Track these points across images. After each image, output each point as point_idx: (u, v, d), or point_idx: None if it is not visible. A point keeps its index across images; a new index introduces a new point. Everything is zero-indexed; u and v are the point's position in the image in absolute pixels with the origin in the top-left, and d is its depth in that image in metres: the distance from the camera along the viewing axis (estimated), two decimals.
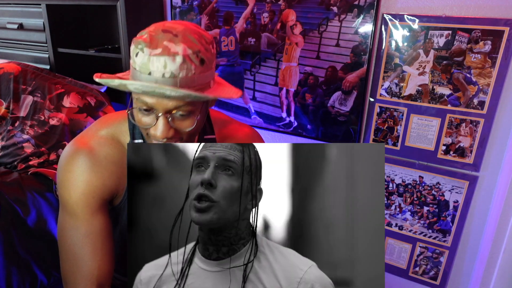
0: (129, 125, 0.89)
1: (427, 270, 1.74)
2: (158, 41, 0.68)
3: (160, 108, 0.71)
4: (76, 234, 0.82)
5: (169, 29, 0.70)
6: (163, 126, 0.73)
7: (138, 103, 0.73)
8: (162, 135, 0.73)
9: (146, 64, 0.68)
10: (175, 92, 0.66)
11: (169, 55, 0.67)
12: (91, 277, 0.82)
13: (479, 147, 1.49)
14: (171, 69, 0.67)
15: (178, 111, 0.72)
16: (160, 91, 0.66)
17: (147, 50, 0.68)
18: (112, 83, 0.69)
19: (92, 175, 0.82)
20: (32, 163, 1.72)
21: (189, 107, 0.72)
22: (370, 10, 1.56)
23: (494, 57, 1.39)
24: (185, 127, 0.75)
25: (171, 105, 0.71)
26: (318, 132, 1.83)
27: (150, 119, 0.74)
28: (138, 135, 0.88)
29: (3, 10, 2.36)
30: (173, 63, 0.67)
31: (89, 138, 0.85)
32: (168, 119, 0.73)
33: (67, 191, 0.82)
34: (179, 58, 0.67)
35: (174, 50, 0.67)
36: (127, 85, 0.68)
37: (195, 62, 0.69)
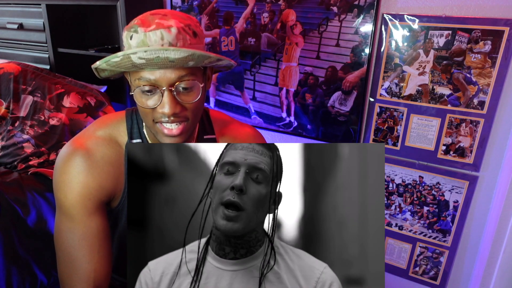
0: (127, 125, 0.88)
1: (427, 270, 1.74)
2: (150, 21, 0.71)
3: (163, 81, 0.72)
4: (73, 236, 0.81)
5: (156, 12, 0.74)
6: (170, 100, 0.73)
7: (140, 82, 0.73)
8: (170, 110, 0.73)
9: (143, 40, 0.70)
10: (179, 53, 0.67)
11: (164, 28, 0.70)
12: (88, 280, 0.81)
13: (479, 147, 1.49)
14: (168, 40, 0.70)
15: (181, 83, 0.73)
16: (164, 55, 0.67)
17: (141, 29, 0.70)
18: (115, 58, 0.70)
19: (88, 177, 0.81)
20: (32, 163, 1.72)
21: (191, 77, 0.74)
22: (370, 10, 1.56)
23: (494, 57, 1.39)
24: (191, 99, 0.76)
25: (174, 76, 0.72)
26: (318, 132, 1.83)
27: (155, 99, 0.75)
28: (136, 135, 0.88)
29: (3, 10, 2.36)
30: (169, 34, 0.70)
31: (86, 138, 0.85)
32: (173, 93, 0.73)
33: (63, 193, 0.81)
34: (174, 29, 0.70)
35: (167, 24, 0.70)
36: (130, 55, 0.68)
37: (188, 33, 0.72)
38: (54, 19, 2.14)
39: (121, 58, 0.69)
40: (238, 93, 1.99)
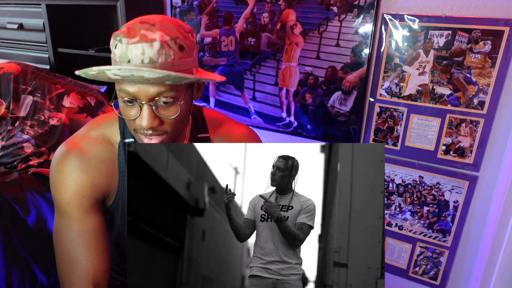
0: (119, 124, 0.89)
1: (427, 270, 1.74)
2: (135, 31, 0.70)
3: (142, 96, 0.72)
4: (70, 234, 0.83)
5: (146, 20, 0.72)
6: (148, 114, 0.73)
7: (121, 94, 0.73)
8: (148, 125, 0.73)
9: (124, 52, 0.69)
10: (153, 74, 0.66)
11: (147, 42, 0.68)
12: (86, 277, 0.83)
13: (479, 147, 1.49)
14: (149, 55, 0.68)
15: (161, 98, 0.73)
16: (138, 74, 0.66)
17: (125, 39, 0.69)
18: (91, 72, 0.69)
19: (82, 175, 0.82)
20: (32, 163, 1.72)
21: (172, 93, 0.73)
22: (370, 10, 1.56)
23: (494, 57, 1.39)
24: (170, 115, 0.75)
25: (153, 91, 0.71)
26: (318, 132, 1.83)
27: (135, 110, 0.75)
28: (129, 135, 0.88)
29: (3, 10, 2.36)
30: (151, 49, 0.68)
31: (80, 139, 0.86)
32: (152, 107, 0.73)
33: (58, 192, 0.83)
34: (157, 44, 0.68)
35: (151, 37, 0.69)
36: (105, 71, 0.68)
37: (173, 47, 0.70)
38: (54, 19, 2.14)
39: (97, 72, 0.69)
40: (238, 93, 1.99)
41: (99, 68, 0.68)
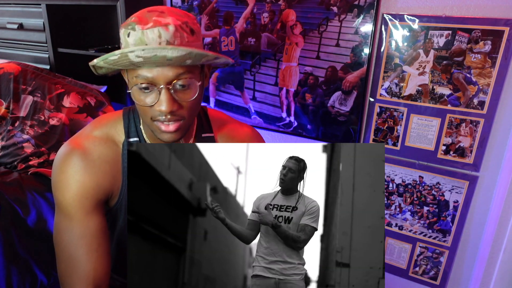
0: (124, 124, 0.88)
1: (427, 270, 1.74)
2: (147, 18, 0.71)
3: (161, 80, 0.72)
4: (71, 235, 0.82)
5: (153, 9, 0.74)
6: (167, 98, 0.74)
7: (138, 80, 0.73)
8: (168, 108, 0.74)
9: (140, 38, 0.70)
10: (177, 51, 0.67)
11: (162, 26, 0.70)
12: (87, 278, 0.82)
13: (479, 147, 1.50)
14: (166, 38, 0.70)
15: (178, 81, 0.73)
16: (161, 54, 0.67)
17: (139, 26, 0.70)
18: (112, 56, 0.69)
19: (85, 176, 0.81)
20: (32, 163, 1.72)
21: (188, 75, 0.74)
22: (370, 10, 1.56)
23: (494, 57, 1.39)
24: (188, 98, 0.76)
25: (172, 75, 0.72)
26: (318, 132, 1.83)
27: (152, 97, 0.75)
28: (133, 134, 0.88)
29: (3, 10, 2.36)
30: (167, 32, 0.70)
31: (83, 138, 0.85)
32: (171, 91, 0.74)
33: (60, 193, 0.82)
34: (172, 27, 0.70)
35: (165, 21, 0.71)
36: (127, 53, 0.68)
37: (186, 31, 0.72)
38: (54, 19, 2.14)
39: (119, 56, 0.69)
40: (238, 93, 1.99)
41: (121, 51, 0.68)
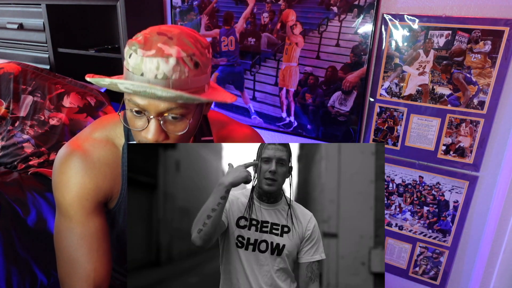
0: (124, 127, 0.88)
1: (427, 270, 1.74)
2: (152, 43, 0.68)
3: (151, 110, 0.70)
4: (71, 236, 0.82)
5: (164, 32, 0.70)
6: (155, 129, 0.72)
7: (130, 104, 0.72)
8: (153, 138, 0.72)
9: (139, 65, 0.67)
10: (166, 93, 0.65)
11: (163, 57, 0.66)
12: (87, 279, 0.82)
13: (479, 147, 1.49)
14: (163, 71, 0.66)
15: (170, 113, 0.71)
16: (151, 91, 0.65)
17: (141, 51, 0.67)
18: (103, 82, 0.69)
19: (85, 178, 0.82)
20: (32, 163, 1.72)
21: (181, 110, 0.71)
22: (370, 10, 1.56)
23: (494, 57, 1.38)
24: (177, 130, 0.74)
25: (163, 107, 0.70)
26: (318, 132, 1.83)
27: (142, 121, 0.73)
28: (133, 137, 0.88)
29: (3, 10, 2.36)
30: (166, 65, 0.66)
31: (83, 140, 0.85)
32: (160, 122, 0.72)
33: (61, 194, 0.82)
34: (173, 60, 0.67)
35: (168, 52, 0.67)
36: (117, 84, 0.67)
37: (189, 65, 0.68)
38: (54, 19, 2.14)
39: (109, 84, 0.68)
40: (238, 93, 1.99)
41: (111, 81, 0.67)
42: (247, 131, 1.03)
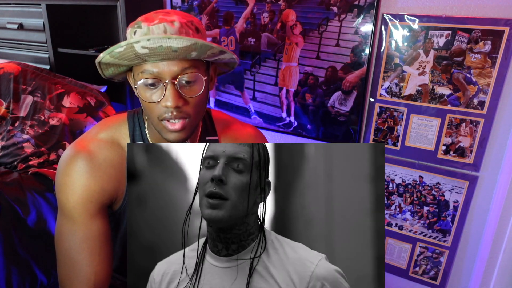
0: (129, 127, 0.88)
1: (427, 270, 1.74)
2: (153, 17, 0.73)
3: (166, 74, 0.73)
4: (74, 238, 0.81)
5: (160, 11, 0.76)
6: (173, 93, 0.74)
7: (144, 75, 0.74)
8: (174, 103, 0.74)
9: (147, 34, 0.72)
10: (182, 41, 0.68)
11: (168, 22, 0.72)
12: (88, 282, 0.81)
13: (479, 147, 1.49)
14: (171, 32, 0.72)
15: (184, 76, 0.74)
16: (167, 44, 0.67)
17: (145, 24, 0.72)
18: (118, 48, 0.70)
19: (90, 179, 0.81)
20: (32, 163, 1.72)
21: (194, 70, 0.75)
22: (370, 10, 1.56)
23: (494, 57, 1.39)
24: (193, 93, 0.76)
25: (177, 69, 0.73)
26: (318, 132, 1.83)
27: (158, 93, 0.75)
28: (138, 138, 0.87)
29: (3, 10, 2.36)
30: (172, 28, 0.72)
31: (89, 141, 0.85)
32: (176, 86, 0.74)
33: (64, 195, 0.81)
34: (177, 23, 0.72)
35: (171, 18, 0.73)
36: (133, 44, 0.68)
37: (191, 28, 0.74)
38: (54, 19, 2.14)
39: (124, 48, 0.69)
40: (238, 93, 1.99)
41: (127, 42, 0.68)
42: (250, 130, 1.03)
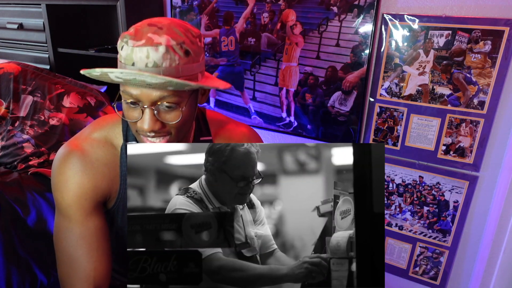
0: (122, 127, 0.88)
1: (427, 270, 1.74)
2: (142, 34, 0.69)
3: (145, 99, 0.71)
4: (71, 236, 0.82)
5: (154, 23, 0.72)
6: (149, 118, 0.73)
7: (125, 95, 0.73)
8: (148, 128, 0.73)
9: (130, 55, 0.69)
10: (155, 79, 0.66)
11: (152, 45, 0.68)
12: (87, 279, 0.82)
13: (479, 147, 1.49)
14: (153, 59, 0.68)
15: (163, 102, 0.72)
16: (140, 79, 0.66)
17: (131, 42, 0.69)
18: (94, 72, 0.69)
19: (84, 177, 0.82)
20: (32, 163, 1.72)
21: (174, 98, 0.72)
22: (370, 10, 1.56)
23: (494, 57, 1.39)
24: (171, 119, 0.74)
25: (155, 96, 0.71)
26: (318, 132, 1.83)
27: (137, 112, 0.74)
28: (132, 138, 0.88)
29: (3, 10, 2.36)
30: (155, 53, 0.68)
31: (82, 140, 0.86)
32: (154, 112, 0.73)
33: (60, 194, 0.82)
34: (162, 48, 0.68)
35: (157, 41, 0.68)
36: (107, 73, 0.67)
37: (179, 53, 0.70)
38: (54, 19, 2.14)
39: (100, 73, 0.69)
40: (238, 93, 1.99)
41: (101, 70, 0.68)
42: (244, 130, 1.03)
